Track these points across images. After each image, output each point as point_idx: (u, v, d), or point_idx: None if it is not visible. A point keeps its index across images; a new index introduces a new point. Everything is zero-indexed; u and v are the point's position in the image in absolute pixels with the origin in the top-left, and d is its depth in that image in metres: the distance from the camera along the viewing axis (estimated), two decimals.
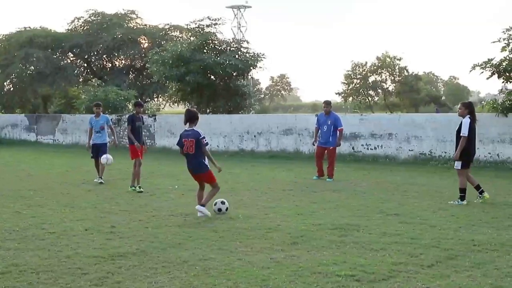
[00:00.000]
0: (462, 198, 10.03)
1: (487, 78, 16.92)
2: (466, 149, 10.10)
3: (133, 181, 12.18)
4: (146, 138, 22.99)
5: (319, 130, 14.06)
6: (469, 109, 10.25)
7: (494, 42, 16.50)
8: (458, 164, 10.16)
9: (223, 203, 9.28)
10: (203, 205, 8.96)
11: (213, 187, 9.20)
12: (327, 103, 14.31)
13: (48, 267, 6.23)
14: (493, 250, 6.83)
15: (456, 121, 16.59)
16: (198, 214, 8.96)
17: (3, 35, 38.20)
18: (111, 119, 15.28)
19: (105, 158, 13.14)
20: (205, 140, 9.06)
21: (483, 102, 20.34)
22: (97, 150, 13.58)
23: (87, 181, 13.31)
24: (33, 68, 37.13)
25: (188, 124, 9.11)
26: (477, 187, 10.29)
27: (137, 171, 12.21)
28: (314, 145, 14.57)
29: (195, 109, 9.74)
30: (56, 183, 13.16)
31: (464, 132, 9.99)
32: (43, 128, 27.18)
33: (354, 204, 10.02)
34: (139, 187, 12.01)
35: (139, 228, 8.24)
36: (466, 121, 10.08)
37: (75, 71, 38.24)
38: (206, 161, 9.14)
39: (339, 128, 13.90)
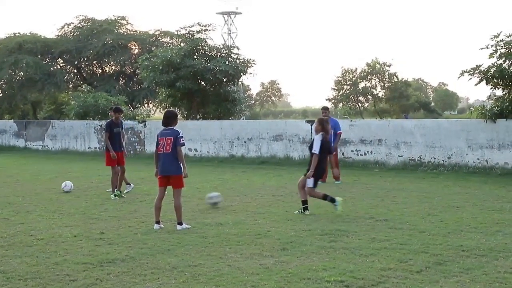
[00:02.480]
0: (305, 209, 9.82)
1: (476, 85, 17.03)
2: (320, 166, 9.92)
3: (113, 188, 12.04)
4: (136, 144, 22.98)
5: None
6: (322, 125, 10.07)
7: (482, 48, 16.62)
8: (310, 182, 9.85)
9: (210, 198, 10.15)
10: (180, 223, 8.61)
11: (178, 196, 8.68)
12: (325, 109, 14.46)
13: (36, 274, 6.19)
14: (482, 255, 6.86)
15: (446, 127, 16.83)
16: (177, 228, 8.56)
17: None
18: (100, 125, 15.04)
19: (64, 184, 12.87)
20: (183, 140, 8.70)
21: (471, 108, 20.47)
22: None
23: (76, 187, 13.23)
24: (22, 74, 36.97)
25: (166, 124, 8.84)
26: (324, 197, 9.95)
27: (120, 178, 12.16)
28: None
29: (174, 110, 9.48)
30: (44, 189, 13.08)
31: (316, 149, 9.84)
32: (32, 134, 27.01)
33: (343, 210, 10.03)
34: (119, 193, 11.84)
35: (128, 234, 8.21)
36: (318, 138, 9.94)
37: (65, 77, 38.08)
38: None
39: (337, 132, 14.09)
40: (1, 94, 38.10)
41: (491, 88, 17.38)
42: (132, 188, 12.81)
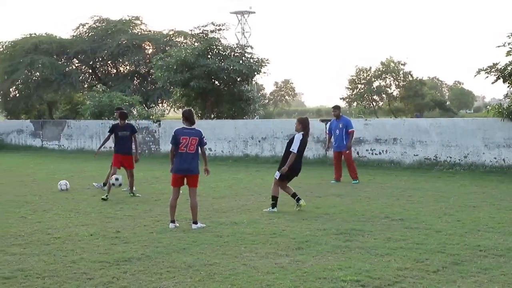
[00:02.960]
0: (274, 205, 9.99)
1: (492, 83, 16.89)
2: (294, 164, 10.05)
3: (131, 188, 12.13)
4: (150, 143, 23.07)
5: (332, 136, 14.28)
6: (303, 125, 10.17)
7: (499, 46, 16.45)
8: (277, 174, 10.07)
9: (117, 179, 10.90)
10: (196, 222, 8.65)
11: (195, 194, 8.71)
12: (336, 107, 14.56)
13: (54, 272, 6.24)
14: (500, 255, 6.79)
15: (462, 126, 16.68)
16: (193, 227, 8.60)
17: (9, 41, 38.43)
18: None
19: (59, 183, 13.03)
20: (205, 140, 8.93)
21: (488, 106, 20.25)
22: None
23: (91, 186, 13.32)
24: (38, 74, 37.33)
25: (186, 123, 8.83)
26: (293, 195, 10.15)
27: (130, 181, 12.12)
28: (326, 152, 14.69)
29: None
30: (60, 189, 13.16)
31: (294, 148, 9.96)
32: (48, 133, 27.25)
33: (358, 209, 9.99)
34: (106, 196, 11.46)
35: (144, 233, 8.25)
36: (298, 137, 10.03)
37: (80, 77, 38.39)
38: None
39: (349, 130, 14.04)
40: (17, 94, 38.48)
41: (508, 86, 17.21)
42: (98, 187, 12.81)
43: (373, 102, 66.86)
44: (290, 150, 10.01)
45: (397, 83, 66.09)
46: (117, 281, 5.92)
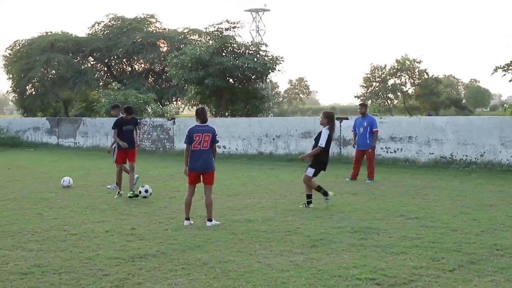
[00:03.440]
0: (309, 202, 10.11)
1: (510, 81, 16.72)
2: (323, 158, 10.15)
3: (131, 186, 11.59)
4: (165, 141, 23.17)
5: (357, 133, 14.27)
6: (329, 119, 10.22)
7: None
8: (310, 171, 10.14)
9: (146, 191, 10.45)
10: (210, 220, 8.66)
11: (210, 192, 8.72)
12: (362, 105, 14.64)
13: (70, 268, 6.30)
14: None
15: (478, 124, 16.52)
16: (207, 224, 8.61)
17: (25, 40, 38.82)
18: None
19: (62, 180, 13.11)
20: (218, 137, 8.93)
21: (505, 105, 20.04)
22: None
23: (107, 183, 13.41)
24: (54, 72, 37.69)
25: (199, 120, 8.81)
26: (318, 188, 10.26)
27: (130, 176, 11.69)
28: (354, 147, 14.72)
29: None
30: (76, 185, 13.29)
31: (322, 143, 10.04)
32: (64, 131, 27.48)
33: (373, 208, 9.95)
34: (132, 192, 11.38)
35: (159, 230, 8.29)
36: (326, 132, 10.10)
37: (95, 75, 38.67)
38: None
39: (373, 130, 14.00)
40: (34, 92, 38.86)
41: None
42: (114, 188, 12.35)
43: (388, 100, 66.50)
44: (319, 145, 10.08)
45: (412, 81, 65.71)
46: (132, 278, 5.96)
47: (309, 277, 5.89)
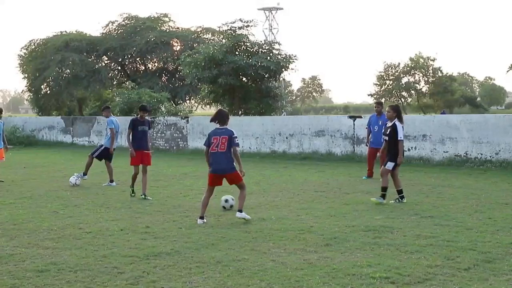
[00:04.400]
0: (384, 196, 10.22)
1: None
2: (396, 151, 10.31)
3: (143, 188, 11.29)
4: (178, 139, 23.25)
5: (371, 131, 14.21)
6: (396, 111, 10.50)
7: None
8: (390, 165, 10.32)
9: (226, 201, 9.77)
10: (241, 211, 8.74)
11: (243, 188, 8.86)
12: (379, 103, 14.72)
13: (85, 266, 6.35)
14: None
15: (493, 122, 16.36)
16: (237, 215, 8.70)
17: (40, 39, 39.18)
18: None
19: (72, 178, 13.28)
20: (237, 140, 8.83)
21: None
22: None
23: (121, 182, 13.50)
24: (68, 71, 38.02)
25: (219, 123, 8.89)
26: (399, 191, 10.38)
27: (143, 179, 11.32)
28: (367, 145, 14.72)
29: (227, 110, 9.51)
30: (91, 184, 13.41)
31: (401, 136, 10.29)
32: (78, 130, 27.70)
33: (387, 206, 9.91)
34: (144, 195, 11.17)
35: (173, 228, 8.33)
36: (399, 124, 10.33)
37: (109, 74, 38.96)
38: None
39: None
40: (48, 91, 39.22)
41: None
42: (113, 185, 12.72)
43: (402, 99, 66.15)
44: (399, 139, 10.26)
45: (426, 79, 65.28)
46: (147, 276, 6.00)
47: (323, 276, 5.89)
